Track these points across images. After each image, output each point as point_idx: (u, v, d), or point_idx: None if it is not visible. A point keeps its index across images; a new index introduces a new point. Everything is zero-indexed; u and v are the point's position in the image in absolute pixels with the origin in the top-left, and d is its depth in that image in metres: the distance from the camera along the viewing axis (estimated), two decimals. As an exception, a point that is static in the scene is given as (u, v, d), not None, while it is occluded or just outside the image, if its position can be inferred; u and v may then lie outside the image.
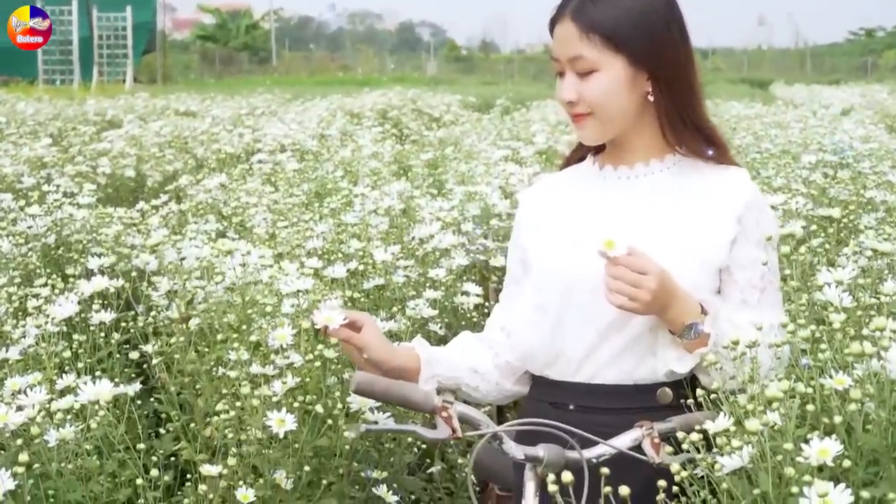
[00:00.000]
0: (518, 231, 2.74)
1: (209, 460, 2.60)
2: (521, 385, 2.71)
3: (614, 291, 2.34)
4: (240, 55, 47.17)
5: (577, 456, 2.30)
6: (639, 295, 2.32)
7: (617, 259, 2.33)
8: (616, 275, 2.33)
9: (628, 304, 2.34)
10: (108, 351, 3.38)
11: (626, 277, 2.33)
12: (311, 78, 34.81)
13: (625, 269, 2.33)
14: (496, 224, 5.21)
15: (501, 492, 3.28)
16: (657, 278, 2.32)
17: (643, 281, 2.32)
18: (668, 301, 2.36)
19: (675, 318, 2.39)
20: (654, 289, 2.32)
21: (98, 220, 4.52)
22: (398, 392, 2.32)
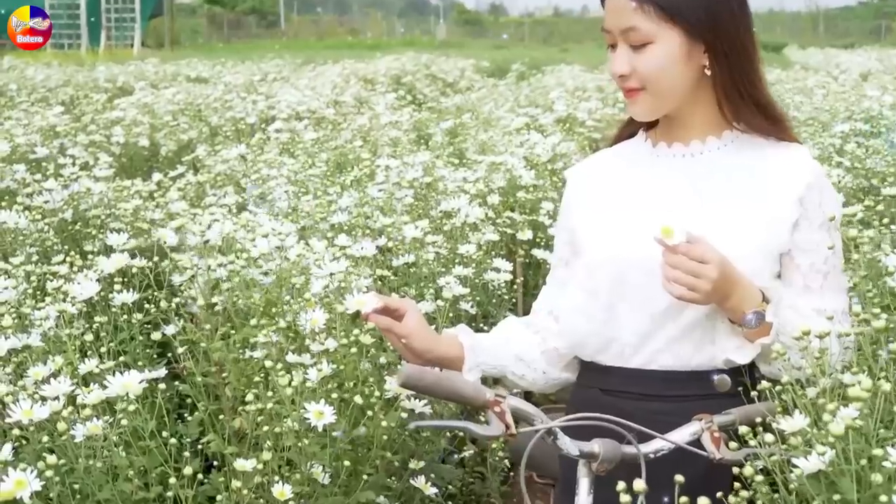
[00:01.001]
0: (566, 212, 2.61)
1: (239, 453, 2.47)
2: (569, 372, 2.59)
3: (673, 281, 2.21)
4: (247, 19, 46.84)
5: (633, 451, 2.18)
6: (699, 285, 2.20)
7: (676, 247, 2.19)
8: (675, 264, 2.21)
9: (688, 295, 2.21)
10: (130, 333, 3.26)
11: (686, 267, 2.20)
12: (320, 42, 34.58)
13: (684, 257, 2.20)
14: (523, 196, 5.07)
15: (540, 480, 3.17)
16: (718, 267, 2.20)
17: (703, 270, 2.19)
18: (728, 290, 2.23)
19: (735, 307, 2.27)
20: (714, 278, 2.19)
21: (116, 193, 4.38)
22: (448, 386, 2.19)
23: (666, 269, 2.22)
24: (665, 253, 2.22)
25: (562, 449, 2.20)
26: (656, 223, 2.31)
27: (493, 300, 4.02)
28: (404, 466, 2.76)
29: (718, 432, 2.23)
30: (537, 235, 5.02)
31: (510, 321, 2.66)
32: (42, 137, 6.12)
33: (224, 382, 2.62)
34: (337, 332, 2.55)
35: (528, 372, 2.56)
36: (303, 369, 2.43)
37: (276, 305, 2.85)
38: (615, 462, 2.19)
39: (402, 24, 46.80)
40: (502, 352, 2.55)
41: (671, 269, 2.21)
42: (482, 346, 2.54)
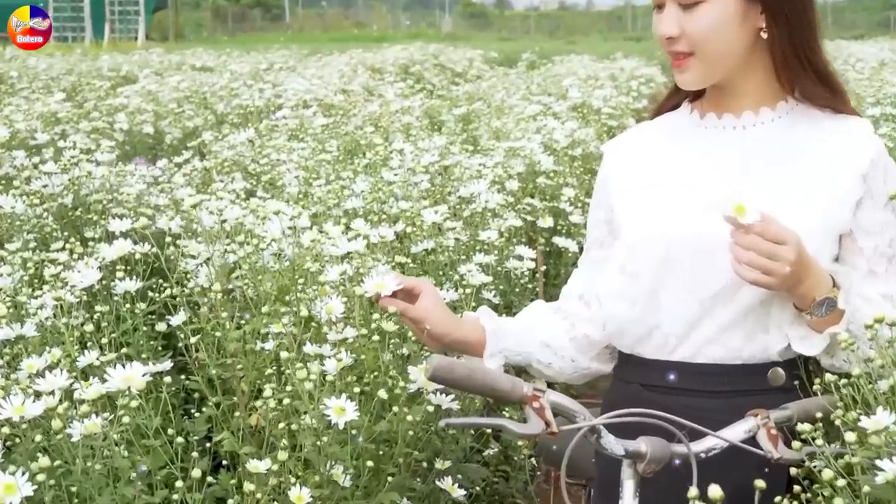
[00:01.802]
0: (603, 189, 2.40)
1: (255, 453, 2.27)
2: (600, 363, 2.39)
3: (747, 265, 2.00)
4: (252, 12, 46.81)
5: (683, 450, 1.98)
6: (775, 269, 1.99)
7: (751, 227, 1.98)
8: (749, 245, 2.00)
9: (762, 280, 2.01)
10: (133, 323, 3.07)
11: (762, 248, 1.99)
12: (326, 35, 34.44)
13: (758, 238, 1.98)
14: (543, 182, 4.87)
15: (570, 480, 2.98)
16: (795, 249, 2.00)
17: (781, 252, 1.99)
18: (802, 274, 2.03)
19: (806, 293, 2.06)
20: (792, 261, 1.99)
21: (118, 178, 4.18)
22: (481, 380, 1.97)
23: (737, 250, 2.01)
24: (735, 233, 2.01)
25: (605, 448, 2.00)
26: (704, 200, 2.15)
27: (516, 289, 3.81)
28: (429, 466, 2.56)
29: (775, 429, 2.04)
30: (558, 223, 4.82)
31: (537, 305, 2.45)
32: (43, 124, 5.92)
33: (240, 376, 2.40)
34: (356, 320, 2.34)
35: (556, 360, 2.35)
36: (320, 361, 2.22)
37: (289, 293, 2.64)
38: (663, 462, 2.00)
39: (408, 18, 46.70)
40: (527, 337, 2.35)
41: (744, 250, 2.00)
42: (506, 330, 2.34)
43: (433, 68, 13.30)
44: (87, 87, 8.39)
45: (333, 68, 12.13)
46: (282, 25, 42.97)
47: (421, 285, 2.33)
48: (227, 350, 2.39)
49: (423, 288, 2.32)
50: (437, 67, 13.65)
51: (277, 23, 44.60)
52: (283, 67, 12.89)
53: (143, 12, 32.50)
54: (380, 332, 2.30)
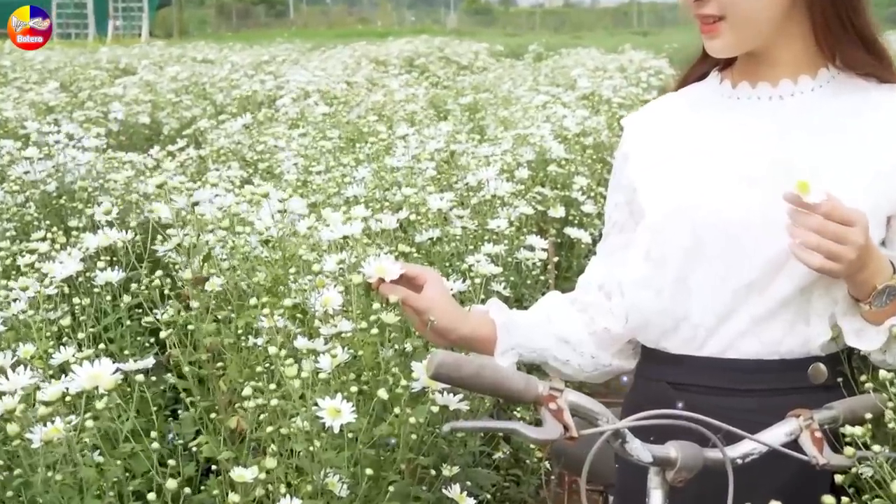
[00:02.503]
0: (624, 166, 2.17)
1: (236, 459, 2.04)
2: (621, 359, 2.17)
3: (812, 249, 1.78)
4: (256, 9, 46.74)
5: (718, 456, 1.76)
6: (842, 253, 1.77)
7: (817, 207, 1.76)
8: (814, 227, 1.77)
9: (828, 266, 1.78)
10: (116, 317, 2.86)
11: (828, 231, 1.76)
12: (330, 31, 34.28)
13: (824, 220, 1.76)
14: (554, 170, 4.65)
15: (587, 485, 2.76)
16: (864, 231, 1.78)
17: (849, 235, 1.76)
18: (866, 259, 1.81)
19: (867, 280, 1.84)
20: (861, 245, 1.77)
21: (106, 164, 3.96)
22: (491, 378, 1.74)
23: (800, 232, 1.78)
24: (796, 213, 1.78)
25: (630, 455, 1.78)
26: (737, 178, 1.95)
27: (528, 281, 3.59)
28: (435, 472, 2.33)
29: (820, 432, 1.82)
30: (570, 213, 4.60)
31: (552, 297, 2.22)
32: (35, 113, 5.70)
33: (218, 373, 2.18)
34: (353, 312, 2.12)
35: (574, 357, 2.13)
36: (313, 357, 2.00)
37: (282, 284, 2.43)
38: (696, 470, 1.79)
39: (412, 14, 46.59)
40: (542, 332, 2.13)
41: (807, 233, 1.78)
42: (518, 325, 2.12)
43: (438, 61, 13.06)
44: (82, 76, 8.17)
45: (337, 60, 11.92)
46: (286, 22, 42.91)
47: (426, 274, 2.12)
48: (202, 345, 2.16)
49: (428, 277, 2.11)
50: (443, 60, 13.41)
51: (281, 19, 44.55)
52: (285, 60, 12.68)
53: (146, 9, 32.42)
54: (379, 325, 2.07)
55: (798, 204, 1.78)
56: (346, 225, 2.23)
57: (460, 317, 2.10)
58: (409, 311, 2.08)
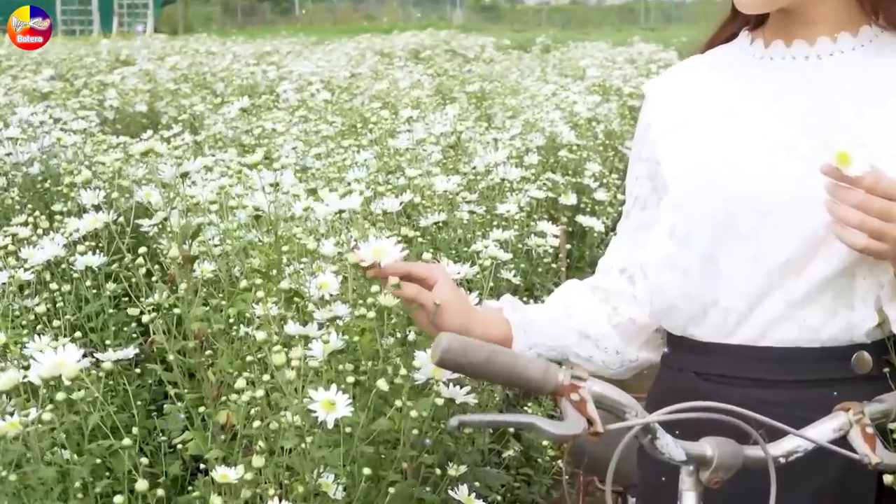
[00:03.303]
0: (645, 137, 1.96)
1: (227, 457, 1.85)
2: (649, 351, 1.97)
3: (854, 227, 1.58)
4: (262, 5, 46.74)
5: (759, 454, 1.56)
6: (889, 231, 1.56)
7: (860, 180, 1.56)
8: (856, 203, 1.57)
9: (873, 246, 1.58)
10: (98, 304, 2.67)
11: (872, 207, 1.56)
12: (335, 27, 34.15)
13: (868, 194, 1.56)
14: (565, 156, 4.45)
15: (603, 485, 2.56)
16: None
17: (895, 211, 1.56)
18: None
19: None
20: None
21: (94, 147, 3.76)
22: (505, 364, 1.53)
23: (840, 209, 1.58)
24: (835, 187, 1.58)
25: (662, 453, 1.57)
26: (771, 146, 1.74)
27: (539, 269, 3.40)
28: (441, 472, 2.13)
29: (871, 427, 1.62)
30: (582, 200, 4.40)
31: (570, 286, 2.02)
32: (28, 99, 5.51)
33: (207, 363, 1.98)
34: (349, 295, 1.92)
35: (597, 353, 1.93)
36: (305, 343, 1.80)
37: (276, 267, 2.24)
38: (734, 470, 1.58)
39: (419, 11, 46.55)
40: (562, 328, 1.93)
41: (848, 209, 1.58)
42: (535, 321, 1.92)
43: (444, 53, 12.87)
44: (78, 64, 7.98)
45: (341, 53, 11.73)
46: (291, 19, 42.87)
47: (435, 273, 1.93)
48: (189, 331, 1.96)
49: (437, 276, 1.91)
50: (449, 53, 13.23)
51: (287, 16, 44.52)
52: (289, 52, 12.49)
53: (151, 5, 32.34)
54: (378, 310, 1.87)
55: (838, 177, 1.58)
56: (343, 199, 2.02)
57: (472, 317, 1.91)
58: (417, 313, 1.90)
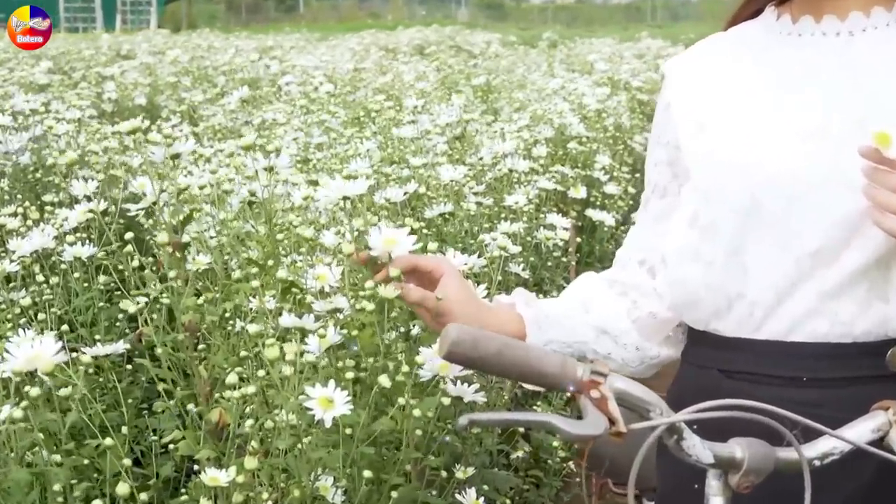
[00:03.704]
0: (665, 119, 1.83)
1: (218, 458, 1.73)
2: (670, 347, 1.84)
3: (893, 213, 1.45)
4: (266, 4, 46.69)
5: (792, 456, 1.43)
6: None
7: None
8: None
9: None
10: (88, 298, 2.55)
11: None
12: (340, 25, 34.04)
13: None
14: (574, 148, 4.32)
15: (618, 489, 2.44)
16: None
17: None
18: None
19: None
20: None
21: (88, 138, 3.64)
22: (519, 358, 1.40)
23: (880, 194, 1.46)
24: (872, 171, 1.46)
25: (688, 454, 1.44)
26: (801, 128, 1.61)
27: (548, 263, 3.27)
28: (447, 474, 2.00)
29: (912, 427, 1.50)
30: (591, 194, 4.27)
31: (587, 280, 1.89)
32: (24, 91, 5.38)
33: (199, 357, 1.86)
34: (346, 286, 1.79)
35: (616, 350, 1.80)
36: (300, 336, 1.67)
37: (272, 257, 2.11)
38: (765, 473, 1.44)
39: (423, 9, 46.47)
40: (578, 323, 1.80)
41: (889, 194, 1.45)
42: (550, 317, 1.80)
43: (449, 49, 12.74)
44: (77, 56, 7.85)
45: (345, 48, 11.59)
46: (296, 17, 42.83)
47: (441, 266, 1.80)
48: (179, 323, 1.83)
49: (443, 269, 1.79)
50: (454, 48, 13.09)
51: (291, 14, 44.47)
52: (292, 47, 12.35)
53: (154, 3, 32.25)
54: (378, 302, 1.73)
55: (876, 160, 1.45)
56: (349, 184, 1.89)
57: (482, 314, 1.78)
58: (422, 311, 1.77)
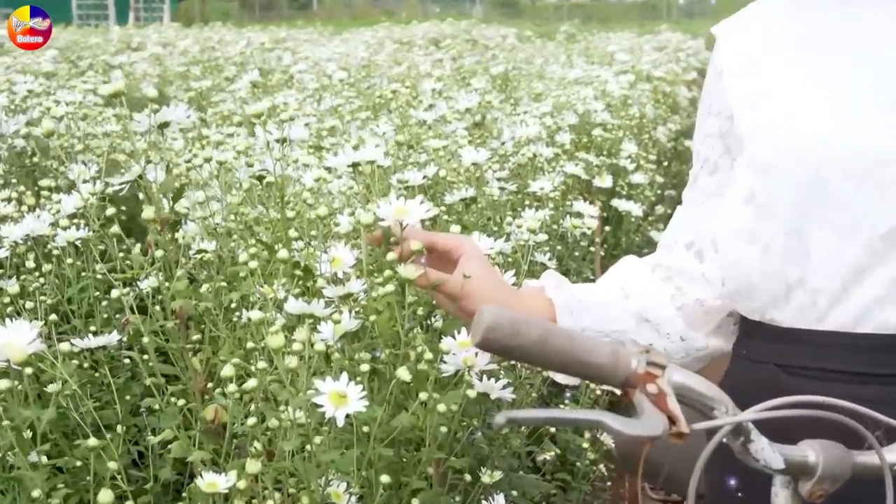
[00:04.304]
0: (717, 88, 1.64)
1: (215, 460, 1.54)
2: (719, 338, 1.66)
3: None
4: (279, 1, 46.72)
5: (872, 461, 1.24)
6: None
7: None
8: None
9: None
10: (81, 286, 2.37)
11: None
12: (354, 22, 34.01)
13: None
14: (599, 135, 4.12)
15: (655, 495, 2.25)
16: None
17: None
18: None
19: None
20: None
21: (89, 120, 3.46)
22: (563, 347, 1.20)
23: None
24: None
25: (756, 459, 1.25)
26: (872, 99, 1.43)
27: (575, 252, 3.07)
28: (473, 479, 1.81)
29: None
30: (617, 183, 4.07)
31: (628, 263, 1.71)
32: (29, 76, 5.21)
33: (194, 347, 1.67)
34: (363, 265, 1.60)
35: (658, 340, 1.62)
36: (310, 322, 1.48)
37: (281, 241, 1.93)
38: (842, 480, 1.26)
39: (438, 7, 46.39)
40: (616, 310, 1.62)
41: None
42: (584, 302, 1.61)
43: (465, 43, 12.54)
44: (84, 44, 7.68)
45: (358, 41, 11.41)
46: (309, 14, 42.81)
47: (462, 245, 1.62)
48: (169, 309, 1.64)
49: (465, 248, 1.61)
50: (470, 42, 12.90)
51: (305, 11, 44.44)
52: (306, 41, 12.17)
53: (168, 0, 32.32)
54: (394, 280, 1.54)
55: None
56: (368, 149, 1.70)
57: (508, 298, 1.61)
58: (440, 297, 1.59)
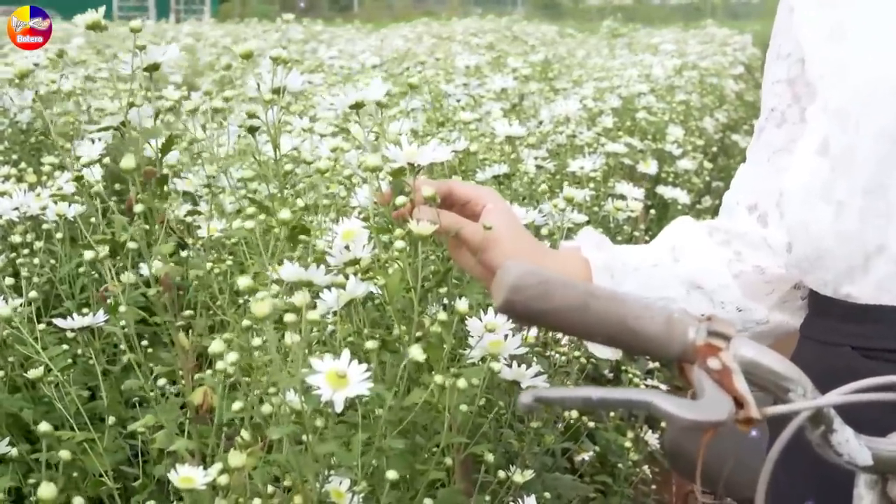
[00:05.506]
0: (786, 28, 1.42)
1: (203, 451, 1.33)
2: (785, 313, 1.43)
3: None
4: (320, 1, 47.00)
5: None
6: None
7: None
8: None
9: None
10: (74, 265, 2.18)
11: None
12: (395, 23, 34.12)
13: None
14: (644, 118, 3.89)
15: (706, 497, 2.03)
16: None
17: None
18: None
19: None
20: None
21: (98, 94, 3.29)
22: (609, 313, 0.96)
23: None
24: None
25: (838, 452, 1.04)
26: None
27: (618, 238, 2.85)
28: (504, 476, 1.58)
29: None
30: (662, 169, 3.85)
31: (682, 224, 1.48)
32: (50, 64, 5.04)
33: (184, 324, 1.46)
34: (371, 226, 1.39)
35: (711, 310, 1.39)
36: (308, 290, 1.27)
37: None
38: (940, 477, 1.05)
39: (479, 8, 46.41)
40: (663, 275, 1.40)
41: None
42: (627, 265, 1.41)
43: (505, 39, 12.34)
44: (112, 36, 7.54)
45: (396, 35, 11.23)
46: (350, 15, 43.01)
47: (484, 195, 1.42)
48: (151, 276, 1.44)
49: (488, 199, 1.39)
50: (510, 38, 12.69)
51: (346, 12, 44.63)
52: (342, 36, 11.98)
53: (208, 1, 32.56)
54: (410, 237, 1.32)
55: None
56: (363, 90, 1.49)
57: (538, 253, 1.39)
58: (457, 252, 1.37)
